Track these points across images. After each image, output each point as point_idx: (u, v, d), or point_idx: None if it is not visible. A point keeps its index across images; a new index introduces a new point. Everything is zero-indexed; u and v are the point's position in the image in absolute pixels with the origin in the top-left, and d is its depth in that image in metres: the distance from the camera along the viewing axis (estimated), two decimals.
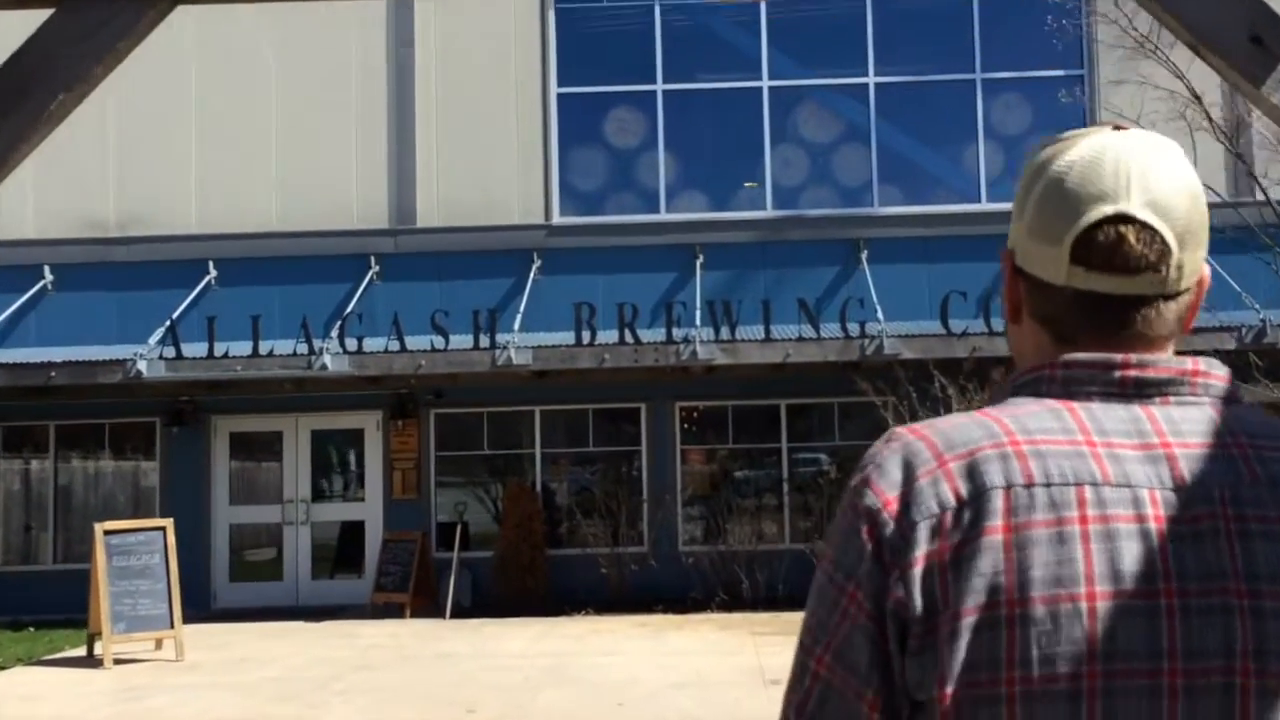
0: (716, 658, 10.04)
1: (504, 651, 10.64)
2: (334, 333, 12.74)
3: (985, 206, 14.20)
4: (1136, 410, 1.02)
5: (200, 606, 13.76)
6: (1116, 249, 1.02)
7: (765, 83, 14.57)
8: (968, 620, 0.94)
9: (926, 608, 0.95)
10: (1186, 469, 0.98)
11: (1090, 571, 0.94)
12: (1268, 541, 0.96)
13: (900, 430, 1.05)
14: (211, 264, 13.90)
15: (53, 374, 12.31)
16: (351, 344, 12.81)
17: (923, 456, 1.00)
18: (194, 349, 12.83)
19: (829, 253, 14.18)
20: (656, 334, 13.23)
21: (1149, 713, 0.93)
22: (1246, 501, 0.98)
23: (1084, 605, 0.93)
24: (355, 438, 14.23)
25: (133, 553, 10.49)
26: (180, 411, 13.84)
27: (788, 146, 14.71)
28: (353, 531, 14.29)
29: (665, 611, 12.78)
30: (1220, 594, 0.95)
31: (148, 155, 14.15)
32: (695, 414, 14.48)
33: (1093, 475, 0.97)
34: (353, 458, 14.41)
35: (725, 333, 12.89)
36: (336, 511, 14.30)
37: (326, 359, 12.36)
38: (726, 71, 14.64)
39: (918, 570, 0.96)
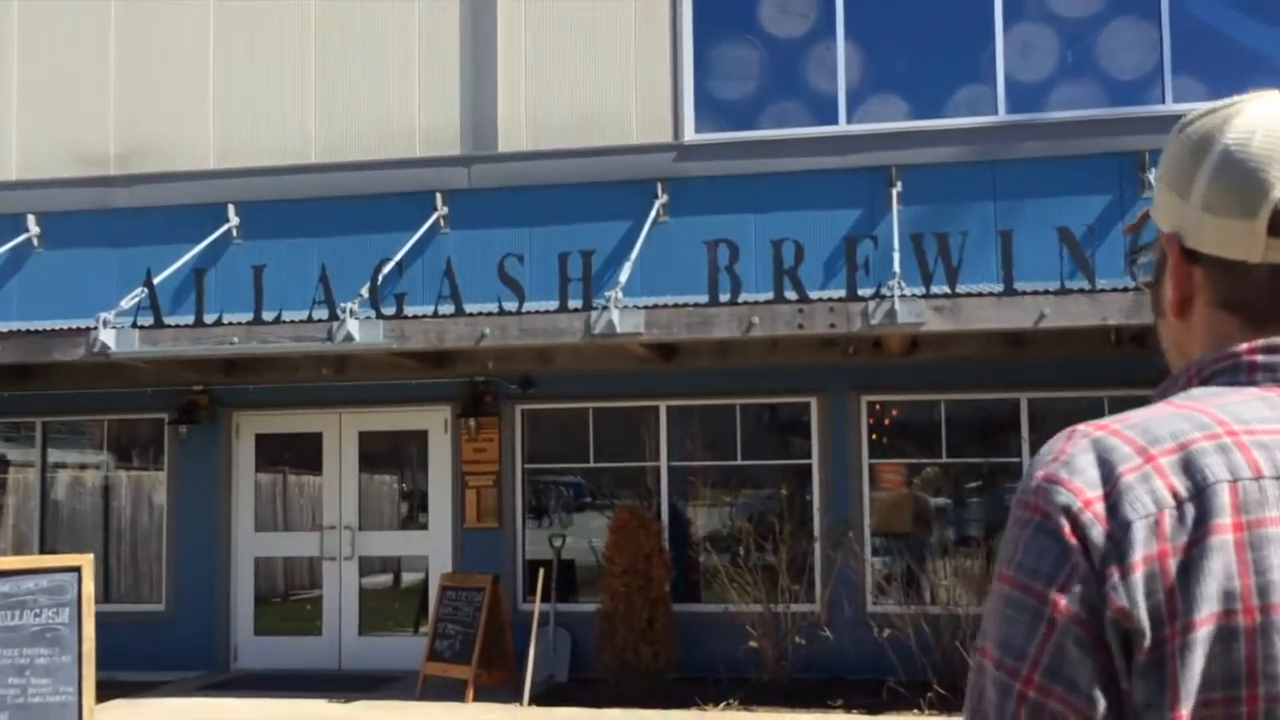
0: None
1: None
2: (364, 291, 8.97)
3: None
4: None
5: (215, 666, 10.26)
6: None
7: None
8: (1202, 631, 0.83)
9: (1153, 618, 0.84)
10: None
11: None
12: None
13: (1082, 426, 0.91)
14: (232, 209, 10.42)
15: None
16: (391, 308, 9.03)
17: (1121, 452, 0.88)
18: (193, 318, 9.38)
19: (1092, 172, 9.52)
20: (835, 291, 8.93)
21: None
22: None
23: None
24: (416, 442, 10.46)
25: (27, 606, 6.92)
26: (192, 405, 10.41)
27: (1028, 26, 10.11)
28: (412, 570, 10.53)
29: (849, 709, 8.39)
30: None
31: (156, 71, 10.83)
32: (891, 413, 10.06)
33: None
34: (413, 470, 10.65)
35: (939, 287, 8.46)
36: (391, 543, 10.55)
37: (352, 327, 8.60)
38: None
39: (1138, 575, 0.84)
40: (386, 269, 9.48)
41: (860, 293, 8.64)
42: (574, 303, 8.93)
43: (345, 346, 8.73)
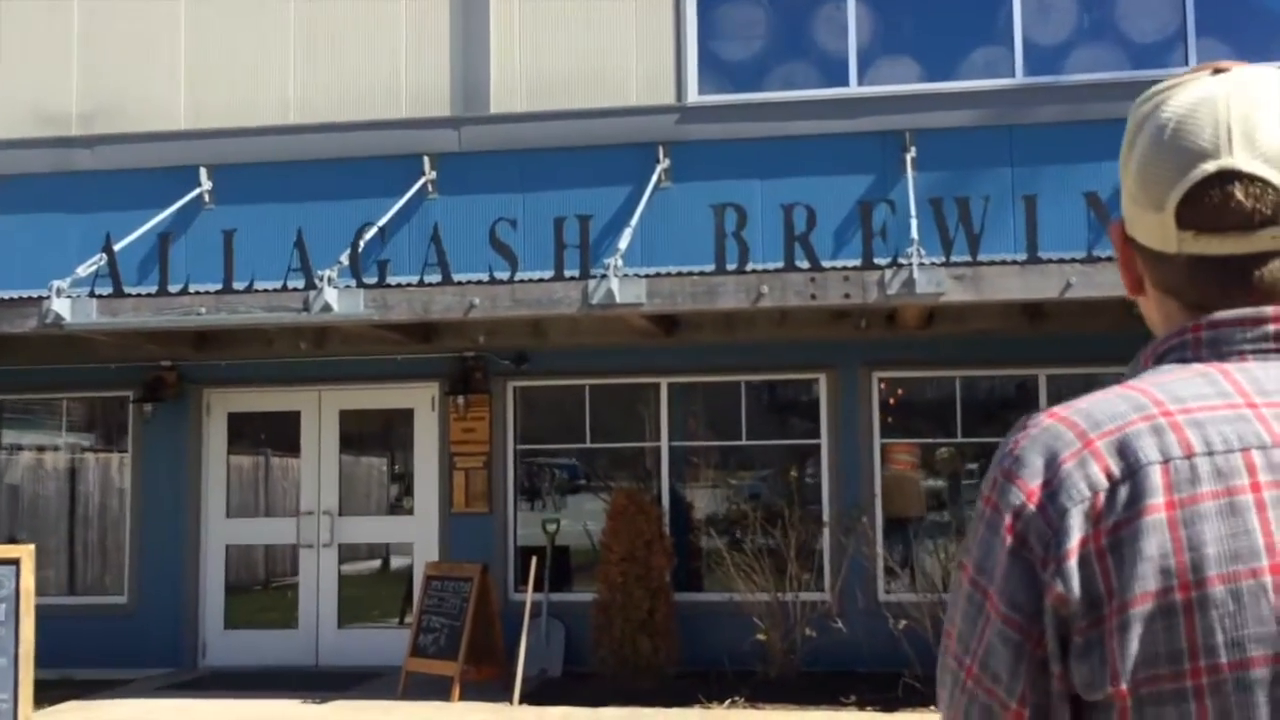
0: None
1: None
2: (344, 258, 8.36)
3: None
4: None
5: (182, 664, 9.64)
6: (1225, 209, 0.94)
7: None
8: (1139, 609, 0.86)
9: (1088, 600, 0.87)
10: None
11: (1271, 542, 0.86)
12: None
13: (1037, 415, 0.95)
14: (204, 172, 9.77)
15: None
16: (374, 277, 8.44)
17: (1065, 439, 0.91)
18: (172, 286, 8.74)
19: (1115, 137, 8.85)
20: (847, 261, 8.40)
21: None
22: None
23: (1269, 580, 0.85)
24: (401, 421, 9.85)
25: None
26: (159, 382, 9.76)
27: None
28: (396, 559, 9.95)
29: (862, 705, 7.87)
30: None
31: (124, 24, 10.15)
32: (898, 391, 9.54)
33: (1259, 438, 0.89)
34: (398, 451, 10.05)
35: (959, 256, 7.95)
36: (373, 529, 9.95)
37: (330, 296, 7.99)
38: None
39: (1073, 561, 0.87)
40: (369, 234, 8.88)
41: (876, 260, 8.11)
42: (570, 272, 8.36)
43: (323, 317, 8.11)
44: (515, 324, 8.84)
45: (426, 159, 9.54)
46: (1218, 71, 0.98)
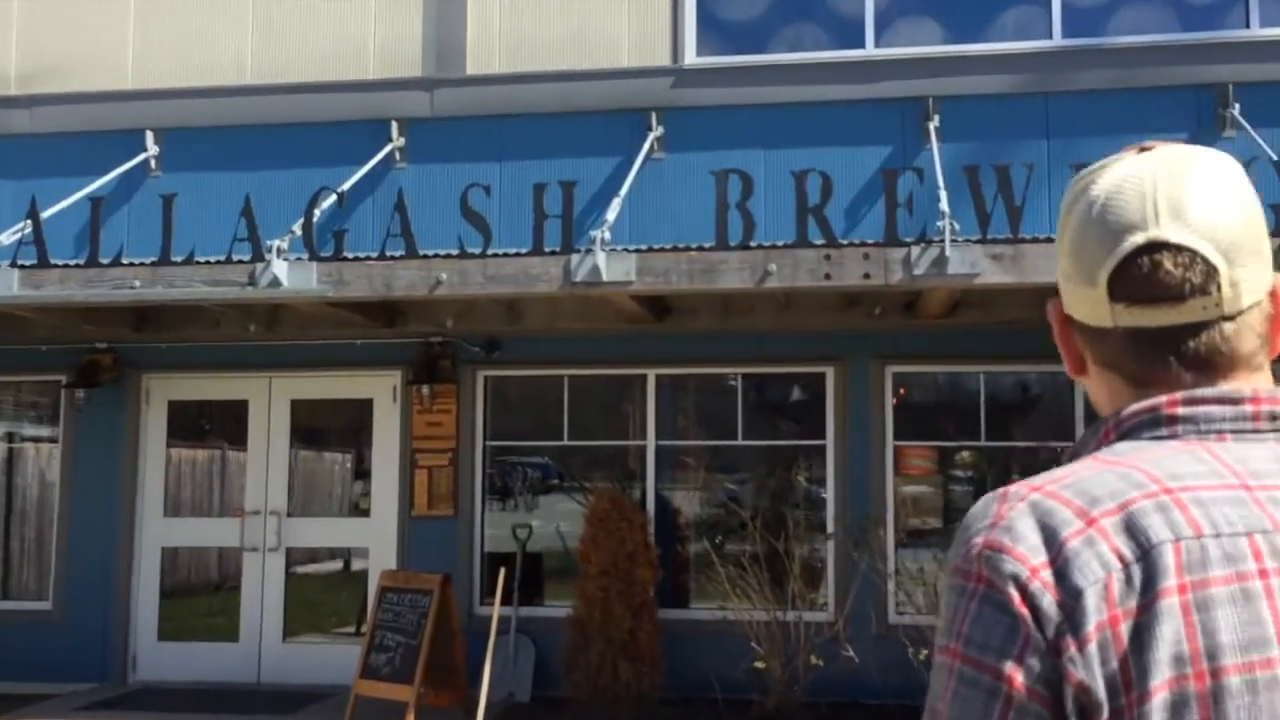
0: None
1: None
2: (296, 228, 7.39)
3: None
4: (1275, 447, 0.92)
5: (111, 677, 8.65)
6: (1155, 280, 0.94)
7: None
8: (1158, 699, 0.82)
9: (1109, 688, 0.82)
10: None
11: None
12: None
13: (1014, 489, 0.90)
14: (151, 136, 8.81)
15: None
16: (330, 250, 7.47)
17: (1060, 515, 0.86)
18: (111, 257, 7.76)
19: (1165, 106, 8.09)
20: (868, 234, 7.46)
21: None
22: None
23: None
24: (359, 413, 8.86)
25: None
26: (94, 366, 8.77)
27: None
28: (350, 565, 8.97)
29: None
30: None
31: None
32: (911, 388, 8.58)
33: (1260, 523, 0.87)
34: (354, 446, 9.06)
35: (996, 232, 6.99)
36: (325, 532, 8.95)
37: (279, 269, 7.01)
38: None
39: (1093, 646, 0.83)
40: (327, 202, 7.91)
41: (900, 234, 7.14)
42: (551, 247, 7.40)
43: (271, 293, 7.13)
44: (487, 305, 7.90)
45: (395, 124, 8.60)
46: (1143, 150, 0.99)
